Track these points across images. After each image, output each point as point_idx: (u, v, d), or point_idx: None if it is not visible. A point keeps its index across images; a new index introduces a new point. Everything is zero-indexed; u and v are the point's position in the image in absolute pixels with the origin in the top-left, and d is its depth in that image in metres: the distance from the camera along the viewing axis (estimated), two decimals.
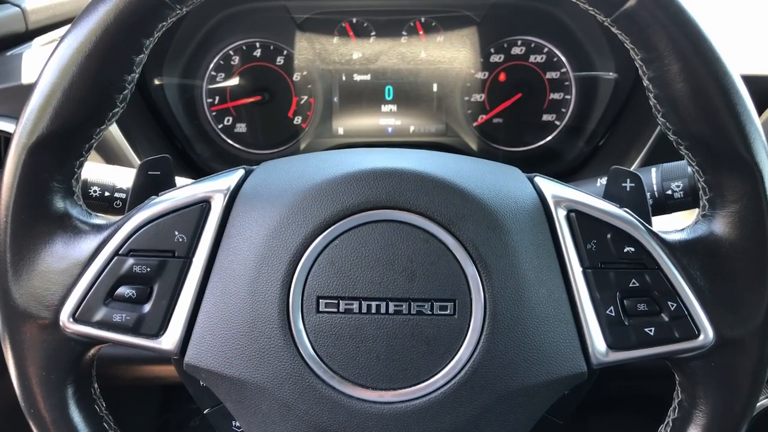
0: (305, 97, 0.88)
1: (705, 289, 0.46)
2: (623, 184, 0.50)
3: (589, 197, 0.48)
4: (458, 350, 0.45)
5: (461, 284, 0.45)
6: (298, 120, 0.90)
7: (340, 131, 0.90)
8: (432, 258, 0.46)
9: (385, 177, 0.46)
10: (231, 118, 0.89)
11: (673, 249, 0.46)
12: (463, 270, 0.46)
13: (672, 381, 0.49)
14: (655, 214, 0.61)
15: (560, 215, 0.48)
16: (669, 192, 0.62)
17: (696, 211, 0.48)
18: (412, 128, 0.89)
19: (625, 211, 0.47)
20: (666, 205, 0.62)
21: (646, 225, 0.46)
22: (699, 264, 0.46)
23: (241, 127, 0.90)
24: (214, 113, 0.89)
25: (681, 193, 0.61)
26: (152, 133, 0.86)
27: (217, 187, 0.48)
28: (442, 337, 0.45)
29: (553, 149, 0.98)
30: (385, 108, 0.90)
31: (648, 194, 0.61)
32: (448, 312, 0.45)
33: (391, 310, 0.45)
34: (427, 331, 0.45)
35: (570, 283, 0.47)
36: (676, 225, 0.49)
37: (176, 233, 0.45)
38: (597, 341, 0.46)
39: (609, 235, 0.47)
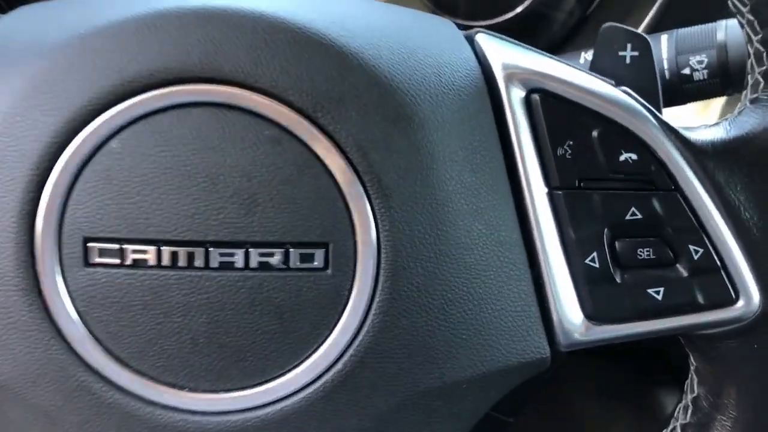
0: None
1: (752, 224, 0.33)
2: (622, 53, 0.36)
3: (564, 68, 0.34)
4: (333, 328, 0.31)
5: (338, 217, 0.30)
6: None
7: None
8: (286, 172, 0.30)
9: (202, 24, 0.30)
10: None
11: (702, 156, 0.33)
12: (342, 193, 0.30)
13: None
14: (663, 105, 0.47)
15: (514, 97, 0.33)
16: (686, 71, 0.48)
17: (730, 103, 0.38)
18: None
19: (624, 92, 0.33)
20: (681, 90, 0.49)
21: (658, 115, 0.33)
22: (745, 182, 0.33)
23: None
24: None
25: (704, 72, 0.48)
26: None
27: None
28: (306, 306, 0.31)
29: (529, 20, 0.76)
30: None
31: (657, 75, 0.46)
32: (315, 265, 0.31)
33: (214, 261, 0.30)
34: (279, 296, 0.31)
35: (526, 214, 0.33)
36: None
37: None
38: (568, 309, 0.33)
39: (595, 133, 0.33)
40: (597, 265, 0.33)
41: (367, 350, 0.31)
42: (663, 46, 0.50)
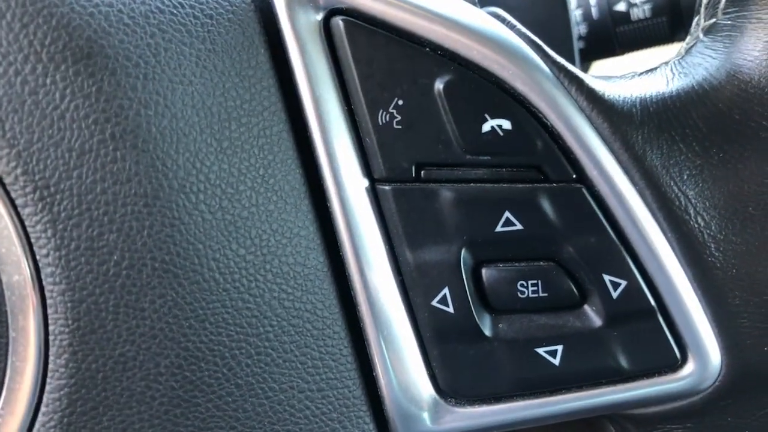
0: None
1: (707, 236, 0.23)
2: None
3: None
4: None
5: None
6: None
7: None
8: None
9: None
10: None
11: (625, 124, 0.22)
12: None
13: None
14: (590, 56, 0.40)
15: (303, 25, 0.21)
16: (621, 6, 0.39)
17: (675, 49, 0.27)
18: None
19: (493, 16, 0.22)
20: (614, 35, 0.40)
21: (549, 53, 0.22)
22: (696, 167, 0.22)
23: None
24: None
25: (646, 7, 0.39)
26: None
27: None
28: None
29: None
30: None
31: (577, 11, 0.38)
32: None
33: None
34: None
35: (334, 225, 0.22)
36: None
37: None
38: (409, 381, 0.22)
39: (440, 84, 0.21)
40: (451, 309, 0.22)
41: None
42: None
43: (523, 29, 0.22)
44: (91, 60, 0.18)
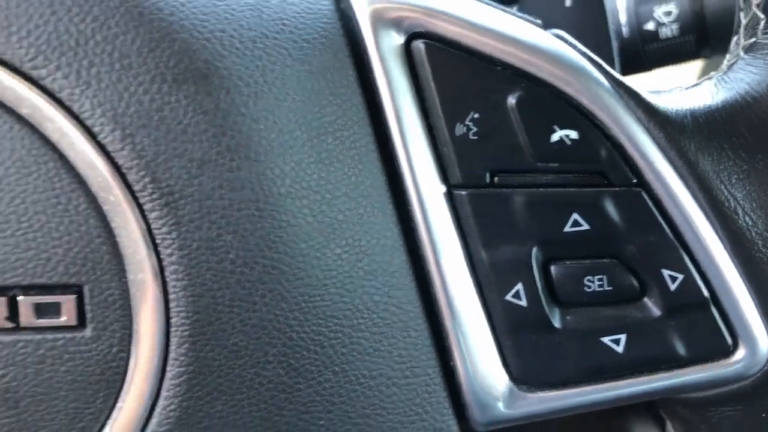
0: None
1: (755, 234, 0.24)
2: None
3: (466, 2, 0.23)
4: (104, 422, 0.21)
5: (93, 244, 0.21)
6: None
7: None
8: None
9: None
10: None
11: (678, 133, 0.24)
12: (96, 202, 0.20)
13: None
14: (621, 72, 0.42)
15: (387, 47, 0.23)
16: (650, 26, 0.41)
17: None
18: None
19: (557, 37, 0.24)
20: (643, 53, 0.41)
21: (609, 71, 0.24)
22: (744, 171, 0.24)
23: None
24: None
25: (674, 26, 0.40)
26: None
27: None
28: (55, 388, 0.21)
29: None
30: None
31: (611, 29, 0.41)
32: (62, 321, 0.21)
33: None
34: (7, 373, 0.21)
35: (414, 227, 0.23)
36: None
37: None
38: (485, 370, 0.24)
39: (512, 99, 0.23)
40: (524, 303, 0.24)
41: None
42: None
43: (584, 48, 0.24)
44: (209, 80, 0.20)
